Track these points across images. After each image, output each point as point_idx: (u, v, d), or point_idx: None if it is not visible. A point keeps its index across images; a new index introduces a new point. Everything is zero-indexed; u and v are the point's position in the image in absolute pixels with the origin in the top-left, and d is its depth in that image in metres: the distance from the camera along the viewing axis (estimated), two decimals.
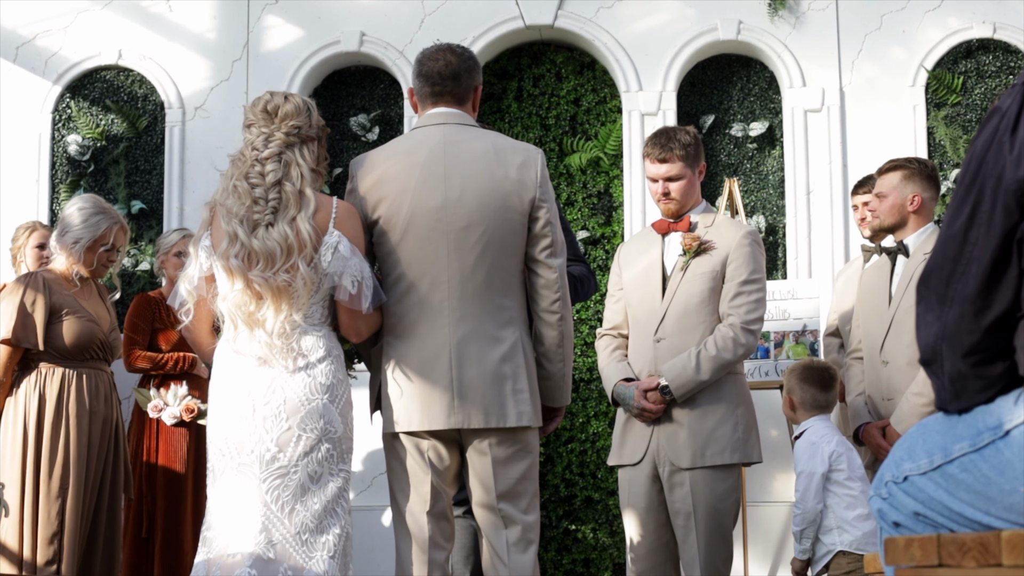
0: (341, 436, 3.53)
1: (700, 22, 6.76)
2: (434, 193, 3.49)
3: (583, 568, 6.58)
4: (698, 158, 4.40)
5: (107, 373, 5.06)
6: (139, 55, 6.90)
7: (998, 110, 1.94)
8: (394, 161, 3.56)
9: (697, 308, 4.28)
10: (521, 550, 3.47)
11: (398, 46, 6.82)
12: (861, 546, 4.62)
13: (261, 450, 3.45)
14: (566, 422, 6.62)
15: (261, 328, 3.47)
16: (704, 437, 4.21)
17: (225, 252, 3.46)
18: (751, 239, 4.33)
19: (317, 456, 3.47)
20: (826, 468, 4.78)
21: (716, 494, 4.19)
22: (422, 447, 3.50)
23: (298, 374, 3.48)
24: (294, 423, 3.46)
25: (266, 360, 3.48)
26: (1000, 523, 1.91)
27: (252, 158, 3.50)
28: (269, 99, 3.57)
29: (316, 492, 3.46)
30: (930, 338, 1.97)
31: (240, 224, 3.45)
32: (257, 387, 3.49)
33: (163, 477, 5.77)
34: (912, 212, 4.60)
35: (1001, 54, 6.67)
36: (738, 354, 4.22)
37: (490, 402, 3.45)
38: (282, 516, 3.43)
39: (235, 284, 3.46)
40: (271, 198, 3.46)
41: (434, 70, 3.63)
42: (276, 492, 3.43)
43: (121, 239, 4.97)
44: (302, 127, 3.54)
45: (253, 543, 3.40)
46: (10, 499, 4.78)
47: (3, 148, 6.86)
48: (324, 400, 3.48)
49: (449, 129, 3.59)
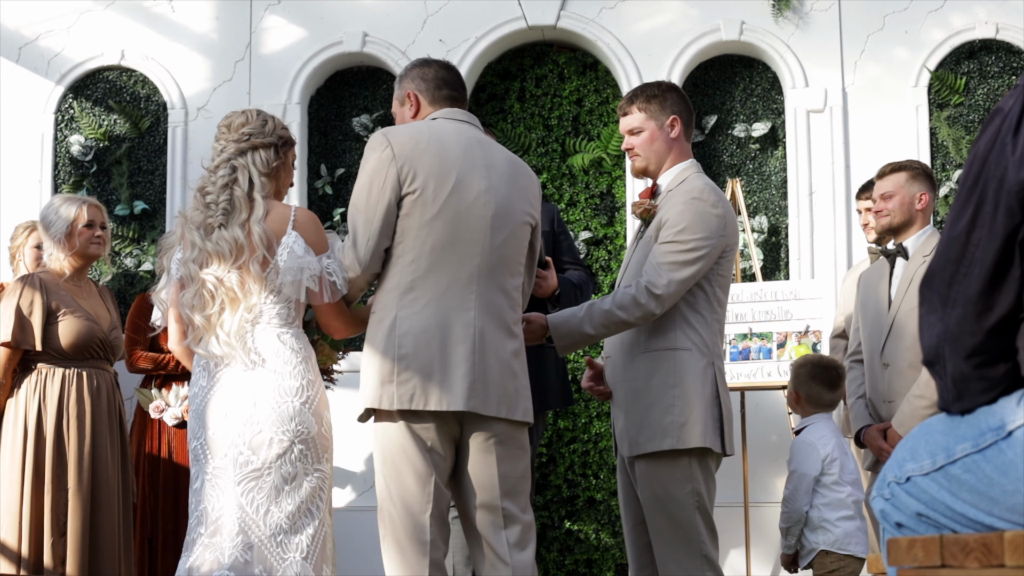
0: (315, 436, 3.58)
1: (703, 22, 6.76)
2: (479, 178, 3.50)
3: (585, 569, 6.58)
4: (665, 110, 3.89)
5: (109, 372, 5.06)
6: (142, 55, 6.91)
7: (1000, 111, 1.93)
8: (434, 138, 3.52)
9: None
10: (521, 549, 3.46)
11: (401, 47, 6.82)
12: (843, 545, 4.79)
13: (234, 453, 3.53)
14: (568, 423, 6.62)
15: (220, 329, 3.59)
16: (638, 422, 3.74)
17: (184, 259, 3.65)
18: (690, 196, 3.77)
19: (290, 457, 3.53)
20: (818, 472, 4.84)
21: (663, 483, 3.70)
22: (425, 441, 3.41)
23: (266, 376, 3.56)
24: (265, 426, 3.53)
25: (227, 361, 3.59)
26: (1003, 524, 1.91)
27: (209, 168, 3.72)
28: (230, 116, 3.79)
29: (290, 493, 3.53)
30: (933, 339, 1.97)
31: (196, 230, 3.64)
32: (227, 391, 3.59)
33: (165, 477, 5.78)
34: (920, 211, 4.60)
35: (1004, 55, 6.67)
36: (635, 316, 3.68)
37: (503, 393, 3.44)
38: (257, 518, 3.50)
39: (190, 287, 3.63)
40: (221, 201, 3.63)
41: (451, 77, 3.70)
42: (251, 495, 3.51)
43: (95, 213, 5.04)
44: (253, 134, 3.71)
45: (231, 545, 3.47)
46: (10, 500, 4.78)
47: (6, 148, 6.86)
48: (295, 402, 3.55)
49: (471, 128, 3.63)
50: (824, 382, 4.96)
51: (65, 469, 4.79)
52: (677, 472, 3.70)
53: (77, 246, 4.97)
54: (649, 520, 3.76)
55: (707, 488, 3.74)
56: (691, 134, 3.99)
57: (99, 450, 4.89)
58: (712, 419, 3.72)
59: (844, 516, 4.82)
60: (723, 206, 3.80)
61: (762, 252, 6.64)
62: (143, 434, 5.84)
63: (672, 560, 3.70)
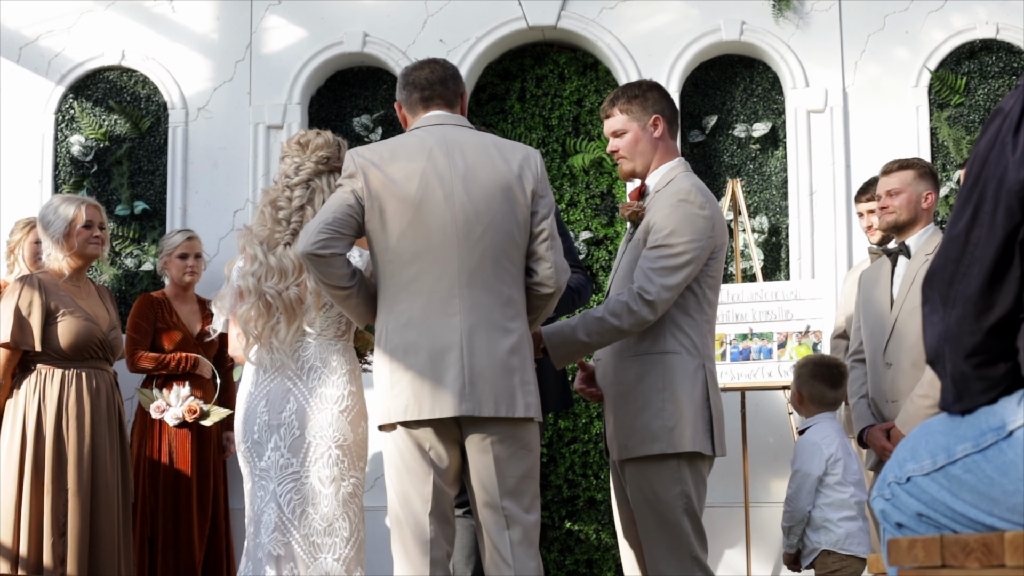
0: (351, 444, 3.86)
1: (703, 23, 6.76)
2: (441, 184, 3.51)
3: (586, 569, 6.58)
4: (647, 110, 3.87)
5: (108, 373, 5.05)
6: (142, 56, 6.91)
7: (1001, 111, 1.94)
8: (398, 155, 3.58)
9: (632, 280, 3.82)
10: (524, 550, 3.47)
11: (401, 47, 6.82)
12: (845, 545, 4.79)
13: (276, 456, 3.82)
14: (568, 423, 6.62)
15: (274, 339, 3.85)
16: (627, 426, 3.73)
17: (244, 272, 3.87)
18: (677, 199, 3.74)
19: (328, 462, 3.81)
20: (822, 472, 4.84)
21: (651, 486, 3.69)
22: (424, 445, 3.49)
23: (310, 385, 3.85)
24: (306, 431, 3.82)
25: (279, 370, 3.86)
26: (1003, 524, 1.91)
27: (283, 184, 3.90)
28: (303, 134, 3.98)
29: (327, 497, 3.80)
30: (934, 339, 1.97)
31: (260, 245, 3.86)
32: (272, 397, 3.86)
33: (166, 477, 5.78)
34: (925, 209, 4.60)
35: (1004, 55, 6.66)
36: (628, 323, 3.66)
37: (500, 392, 3.45)
38: (293, 519, 3.78)
39: (248, 299, 3.85)
40: (293, 220, 3.87)
41: (421, 77, 3.71)
42: (288, 496, 3.79)
43: (94, 214, 5.04)
44: (330, 157, 3.94)
45: (267, 540, 3.77)
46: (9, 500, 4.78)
47: (6, 149, 6.86)
48: (334, 410, 3.84)
49: (447, 128, 3.63)
50: (826, 380, 4.96)
51: (64, 469, 4.79)
52: (666, 475, 3.69)
53: (76, 246, 4.97)
54: (639, 522, 3.77)
55: (696, 491, 3.73)
56: (676, 132, 3.97)
57: (98, 450, 4.89)
58: (703, 422, 3.71)
59: (846, 516, 4.82)
60: (711, 207, 3.78)
61: (762, 252, 6.64)
62: (144, 434, 5.84)
63: (661, 562, 3.70)
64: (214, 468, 6.01)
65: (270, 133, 6.79)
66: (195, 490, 5.84)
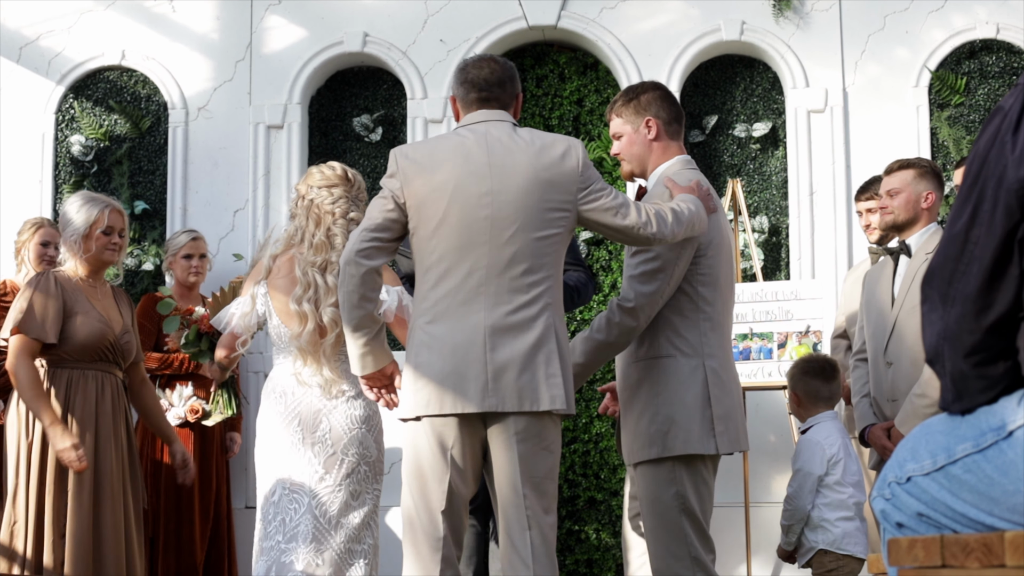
0: (375, 459, 4.25)
1: (703, 22, 6.76)
2: (478, 183, 3.53)
3: (586, 569, 6.58)
4: (640, 113, 3.92)
5: (117, 376, 4.94)
6: (142, 55, 6.91)
7: (1000, 110, 1.94)
8: (437, 153, 3.62)
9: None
10: (544, 551, 3.48)
11: (401, 47, 6.82)
12: (841, 545, 4.80)
13: (311, 471, 4.15)
14: (568, 423, 6.62)
15: (323, 357, 4.20)
16: (631, 431, 3.84)
17: (299, 297, 4.19)
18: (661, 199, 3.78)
19: (357, 477, 4.19)
20: (823, 471, 4.84)
21: (650, 487, 3.77)
22: (446, 442, 3.49)
23: (342, 405, 4.22)
24: (338, 448, 4.18)
25: (324, 389, 4.20)
26: (1003, 524, 1.91)
27: (340, 214, 4.26)
28: (345, 170, 4.36)
29: (357, 508, 4.18)
30: (933, 338, 1.97)
31: (315, 268, 4.21)
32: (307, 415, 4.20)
33: (168, 478, 5.77)
34: (925, 209, 4.60)
35: (1004, 54, 6.67)
36: (613, 335, 3.75)
37: (524, 386, 3.46)
38: (329, 528, 4.13)
39: (308, 325, 4.18)
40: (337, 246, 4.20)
41: (480, 76, 3.70)
42: (323, 508, 4.13)
43: (116, 220, 4.90)
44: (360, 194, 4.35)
45: (305, 551, 4.09)
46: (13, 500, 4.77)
47: (6, 148, 6.87)
48: (363, 430, 4.22)
49: (491, 126, 3.65)
50: (817, 375, 4.97)
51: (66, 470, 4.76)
52: (661, 476, 3.75)
53: (92, 250, 4.87)
54: (643, 523, 3.85)
55: (696, 491, 3.75)
56: (673, 131, 3.96)
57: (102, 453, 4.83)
58: (702, 421, 3.72)
59: (843, 517, 4.83)
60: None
61: (763, 252, 6.64)
62: (145, 435, 5.83)
63: (662, 562, 3.76)
64: (216, 468, 6.01)
65: (270, 133, 6.79)
66: (197, 490, 5.83)
